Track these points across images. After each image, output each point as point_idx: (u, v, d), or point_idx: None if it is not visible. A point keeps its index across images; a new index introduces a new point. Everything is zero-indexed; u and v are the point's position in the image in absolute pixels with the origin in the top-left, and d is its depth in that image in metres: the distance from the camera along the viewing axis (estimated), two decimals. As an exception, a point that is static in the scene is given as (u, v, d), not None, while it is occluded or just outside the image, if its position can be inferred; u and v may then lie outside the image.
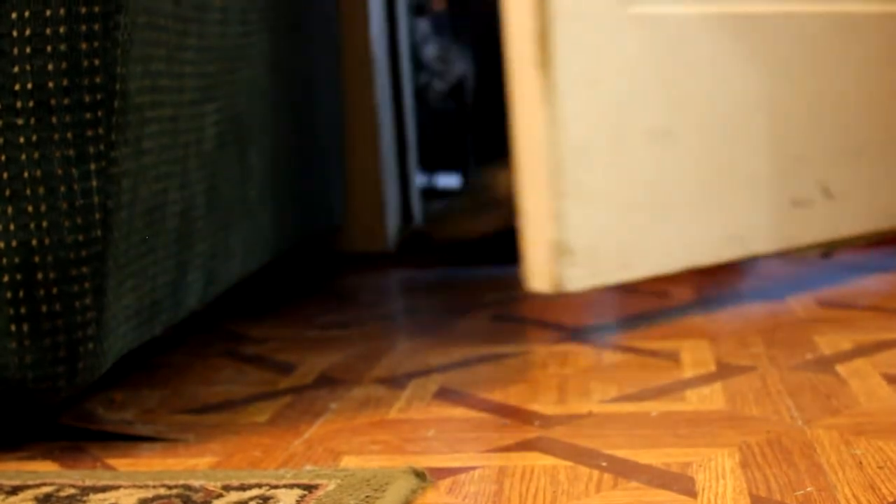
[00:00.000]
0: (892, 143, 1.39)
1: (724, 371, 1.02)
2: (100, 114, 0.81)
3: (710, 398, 0.94)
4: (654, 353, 1.09)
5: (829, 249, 1.49)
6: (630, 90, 1.18)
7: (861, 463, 0.76)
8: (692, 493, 0.72)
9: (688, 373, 1.02)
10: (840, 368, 1.01)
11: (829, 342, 1.10)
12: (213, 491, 0.75)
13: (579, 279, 1.14)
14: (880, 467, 0.74)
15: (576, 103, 1.12)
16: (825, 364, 1.03)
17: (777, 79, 1.29)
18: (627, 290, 1.41)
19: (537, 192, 1.12)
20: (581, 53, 1.12)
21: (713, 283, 1.23)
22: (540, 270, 1.13)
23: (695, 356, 1.08)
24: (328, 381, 1.07)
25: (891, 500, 0.69)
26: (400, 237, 1.91)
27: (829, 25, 1.34)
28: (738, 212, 1.27)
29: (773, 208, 1.29)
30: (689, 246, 1.24)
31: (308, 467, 0.81)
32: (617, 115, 1.17)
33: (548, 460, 0.80)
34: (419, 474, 0.77)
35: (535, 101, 1.10)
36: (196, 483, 0.77)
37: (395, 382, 1.05)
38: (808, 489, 0.71)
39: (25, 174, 0.80)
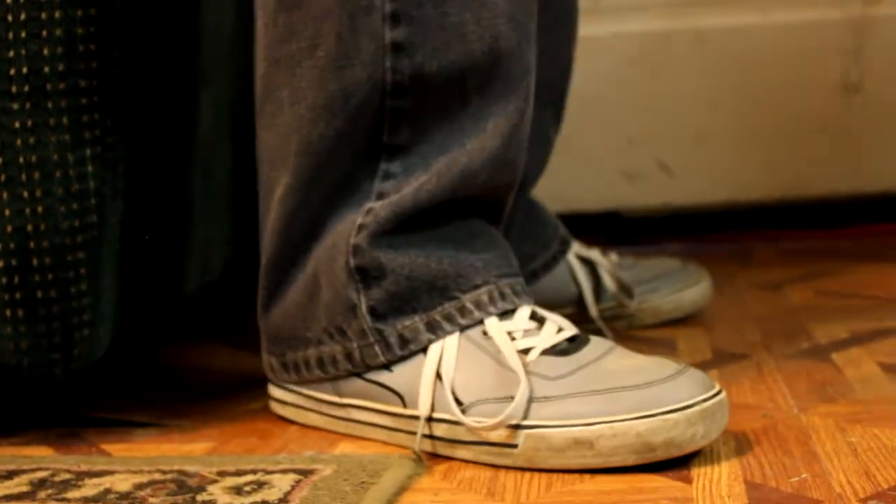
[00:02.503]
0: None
1: (719, 359, 1.02)
2: (95, 99, 0.81)
3: (705, 386, 0.94)
4: (650, 341, 1.09)
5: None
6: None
7: (856, 450, 0.76)
8: (687, 479, 0.72)
9: (684, 360, 1.02)
10: (836, 357, 1.01)
11: (824, 330, 1.10)
12: (207, 476, 0.75)
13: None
14: (875, 454, 0.75)
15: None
16: (821, 352, 1.03)
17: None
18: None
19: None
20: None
21: (708, 271, 1.23)
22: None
23: (691, 344, 1.08)
24: (324, 368, 1.07)
25: (885, 486, 0.69)
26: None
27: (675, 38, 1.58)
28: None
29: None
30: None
31: (304, 453, 0.81)
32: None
33: (543, 447, 0.80)
34: (415, 460, 0.77)
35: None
36: (191, 468, 0.77)
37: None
38: (803, 476, 0.71)
39: (20, 159, 0.80)
